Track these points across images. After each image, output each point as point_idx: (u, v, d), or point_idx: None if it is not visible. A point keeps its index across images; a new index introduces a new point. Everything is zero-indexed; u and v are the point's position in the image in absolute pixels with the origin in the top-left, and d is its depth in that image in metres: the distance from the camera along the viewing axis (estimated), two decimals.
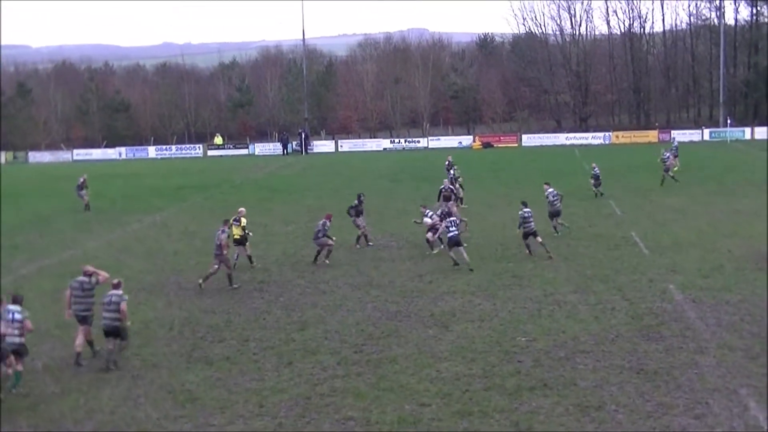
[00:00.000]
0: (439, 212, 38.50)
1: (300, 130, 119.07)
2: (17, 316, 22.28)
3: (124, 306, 23.51)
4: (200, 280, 32.67)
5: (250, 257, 36.47)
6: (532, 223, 36.09)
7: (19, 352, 22.04)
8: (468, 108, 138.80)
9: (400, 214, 48.98)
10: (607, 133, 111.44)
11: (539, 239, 35.94)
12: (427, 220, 38.42)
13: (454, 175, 53.57)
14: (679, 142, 78.99)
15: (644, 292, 29.54)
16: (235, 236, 35.73)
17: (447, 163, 58.24)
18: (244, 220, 36.08)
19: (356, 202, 40.93)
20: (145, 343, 25.86)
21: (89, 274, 24.79)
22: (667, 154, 60.29)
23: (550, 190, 41.39)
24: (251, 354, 24.34)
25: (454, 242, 34.41)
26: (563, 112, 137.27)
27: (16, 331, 22.10)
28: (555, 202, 41.02)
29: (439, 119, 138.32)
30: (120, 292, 23.80)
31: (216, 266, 32.41)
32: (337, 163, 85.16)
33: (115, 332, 23.64)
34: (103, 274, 25.11)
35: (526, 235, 36.19)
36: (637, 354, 23.05)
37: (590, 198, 52.26)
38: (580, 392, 20.29)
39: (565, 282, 31.66)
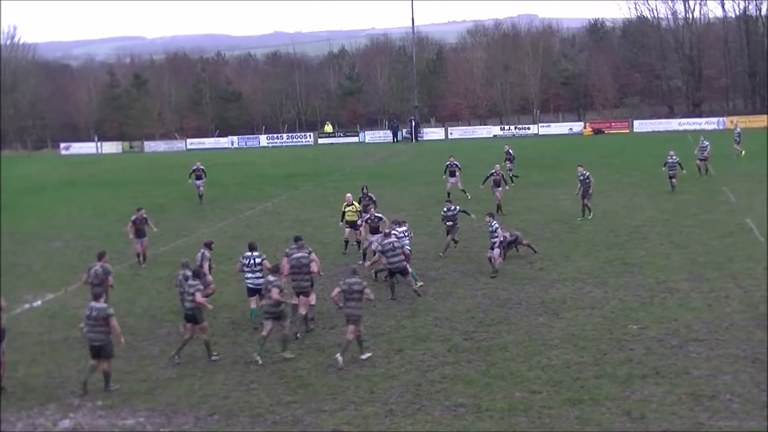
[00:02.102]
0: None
1: (410, 118, 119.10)
2: (257, 260, 26.45)
3: (199, 297, 23.50)
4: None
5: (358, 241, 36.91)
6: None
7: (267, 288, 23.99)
8: (578, 94, 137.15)
9: (509, 201, 48.76)
10: (720, 119, 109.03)
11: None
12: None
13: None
14: None
15: (759, 280, 28.96)
16: (348, 219, 36.42)
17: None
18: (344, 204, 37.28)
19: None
20: (259, 330, 26.26)
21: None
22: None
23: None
24: (362, 341, 24.54)
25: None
26: (675, 97, 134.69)
27: (258, 273, 26.17)
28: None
29: (549, 106, 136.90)
30: (196, 282, 23.95)
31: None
32: (447, 150, 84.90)
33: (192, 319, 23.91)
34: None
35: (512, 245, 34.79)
36: (752, 343, 22.65)
37: (703, 183, 51.14)
38: (693, 381, 20.04)
39: (677, 269, 31.25)
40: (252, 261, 26.52)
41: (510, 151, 59.84)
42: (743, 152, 65.62)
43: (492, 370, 21.52)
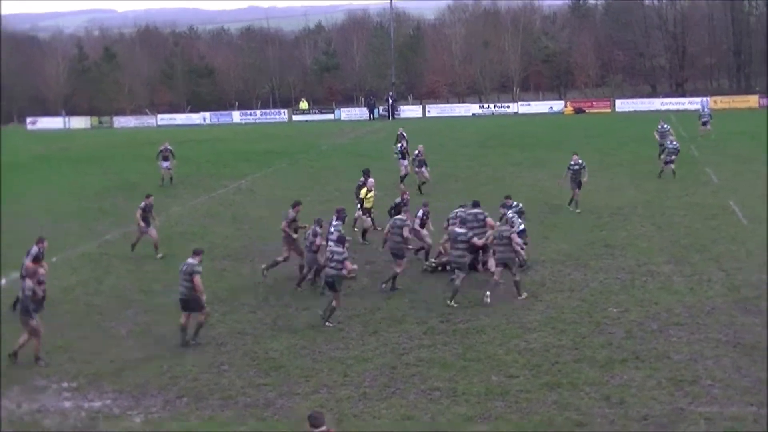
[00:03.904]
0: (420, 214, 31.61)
1: (387, 95, 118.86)
2: (333, 229, 27.49)
3: (197, 279, 23.31)
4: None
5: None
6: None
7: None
8: (560, 72, 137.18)
9: (487, 181, 48.74)
10: (704, 98, 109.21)
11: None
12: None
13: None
14: None
15: (742, 263, 29.10)
16: (367, 207, 35.67)
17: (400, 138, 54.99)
18: (364, 191, 35.95)
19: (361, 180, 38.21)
20: (230, 310, 26.22)
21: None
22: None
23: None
24: (336, 322, 24.52)
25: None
26: (658, 76, 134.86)
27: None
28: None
29: (530, 84, 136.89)
30: (195, 261, 23.57)
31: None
32: (424, 128, 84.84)
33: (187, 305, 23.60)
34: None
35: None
36: (734, 327, 22.75)
37: (685, 165, 51.13)
38: (674, 365, 20.11)
39: (659, 252, 31.34)
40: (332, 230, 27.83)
41: (404, 134, 57.63)
42: (712, 134, 64.79)
43: (469, 354, 21.52)
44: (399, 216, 29.04)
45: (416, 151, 48.39)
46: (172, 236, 35.28)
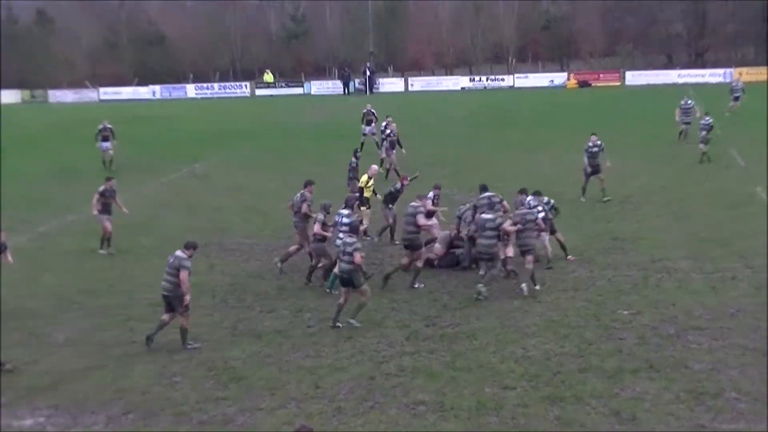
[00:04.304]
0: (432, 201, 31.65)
1: (364, 67, 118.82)
2: (345, 219, 26.59)
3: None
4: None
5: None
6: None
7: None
8: (561, 41, 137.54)
9: (479, 166, 48.74)
10: (727, 70, 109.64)
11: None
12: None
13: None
14: None
15: None
16: (367, 196, 35.11)
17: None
18: (365, 178, 34.61)
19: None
20: None
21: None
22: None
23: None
24: (306, 327, 24.50)
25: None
26: (675, 45, 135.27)
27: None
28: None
29: (527, 54, 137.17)
30: (185, 255, 23.45)
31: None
32: (406, 104, 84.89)
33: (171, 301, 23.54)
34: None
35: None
36: (762, 332, 22.73)
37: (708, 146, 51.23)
38: (693, 376, 20.10)
39: (675, 246, 31.37)
40: (341, 220, 27.20)
41: (373, 111, 57.61)
42: (736, 111, 65.15)
43: (458, 362, 21.48)
44: (413, 203, 28.85)
45: (385, 126, 48.31)
46: (116, 228, 35.07)
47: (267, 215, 38.70)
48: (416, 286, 27.87)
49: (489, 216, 26.95)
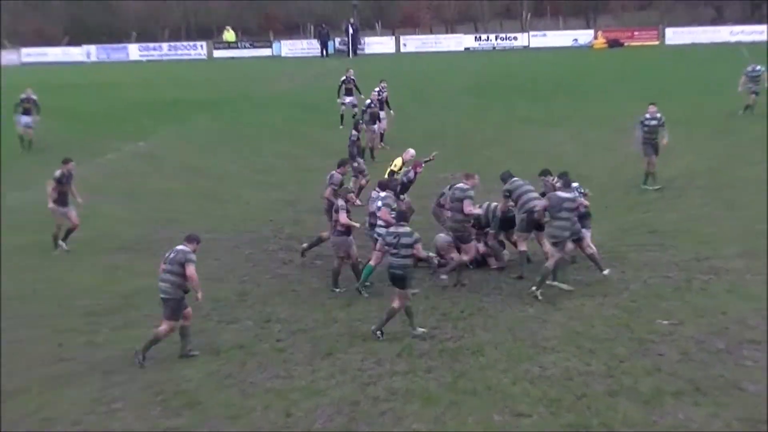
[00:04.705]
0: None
1: (347, 23, 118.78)
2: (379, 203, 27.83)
3: (192, 269, 23.31)
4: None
5: None
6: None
7: None
8: None
9: (486, 144, 48.74)
10: None
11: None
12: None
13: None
14: None
15: None
16: None
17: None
18: (398, 161, 34.82)
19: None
20: (125, 323, 26.05)
21: None
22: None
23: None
24: (275, 341, 24.46)
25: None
26: None
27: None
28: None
29: (545, 8, 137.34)
30: (188, 248, 23.62)
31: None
32: (398, 69, 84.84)
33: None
34: None
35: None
36: None
37: (763, 120, 51.24)
38: (748, 400, 20.10)
39: (726, 240, 31.36)
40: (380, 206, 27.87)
41: (352, 77, 58.01)
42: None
43: (461, 383, 21.46)
44: (458, 185, 28.66)
45: (379, 92, 48.56)
46: (42, 220, 34.99)
47: (227, 204, 38.68)
48: (458, 285, 28.13)
49: (567, 195, 27.08)
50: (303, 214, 36.48)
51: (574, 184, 29.48)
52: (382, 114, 49.21)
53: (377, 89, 49.75)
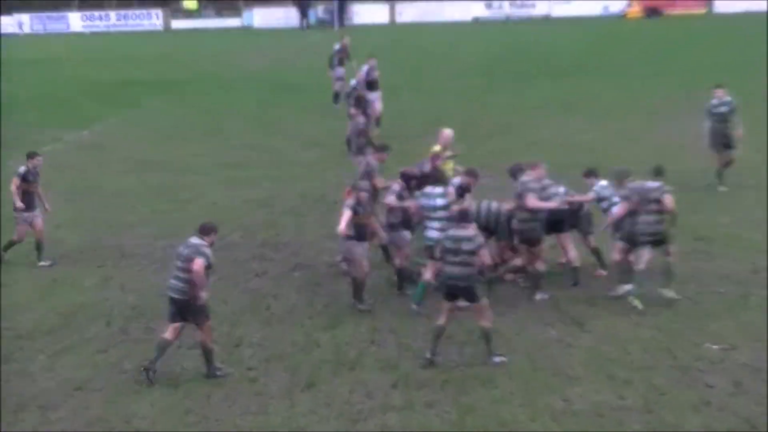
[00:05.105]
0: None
1: None
2: (440, 201, 27.46)
3: (200, 264, 23.11)
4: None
5: None
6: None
7: None
8: None
9: (496, 131, 48.74)
10: None
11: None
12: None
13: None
14: None
15: None
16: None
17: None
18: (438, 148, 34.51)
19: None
20: (65, 348, 25.94)
21: None
22: None
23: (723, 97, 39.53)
24: (245, 369, 24.36)
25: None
26: None
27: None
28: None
29: None
30: (200, 242, 23.47)
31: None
32: (392, 43, 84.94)
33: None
34: None
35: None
36: None
37: None
38: None
39: None
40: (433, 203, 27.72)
41: (346, 46, 57.40)
42: None
43: (469, 420, 21.41)
44: (522, 178, 28.53)
45: (366, 71, 48.59)
46: None
47: (189, 205, 38.59)
48: (539, 297, 28.02)
49: (654, 184, 27.46)
50: (279, 216, 36.44)
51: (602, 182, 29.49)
52: (374, 95, 48.94)
53: (365, 67, 49.59)
